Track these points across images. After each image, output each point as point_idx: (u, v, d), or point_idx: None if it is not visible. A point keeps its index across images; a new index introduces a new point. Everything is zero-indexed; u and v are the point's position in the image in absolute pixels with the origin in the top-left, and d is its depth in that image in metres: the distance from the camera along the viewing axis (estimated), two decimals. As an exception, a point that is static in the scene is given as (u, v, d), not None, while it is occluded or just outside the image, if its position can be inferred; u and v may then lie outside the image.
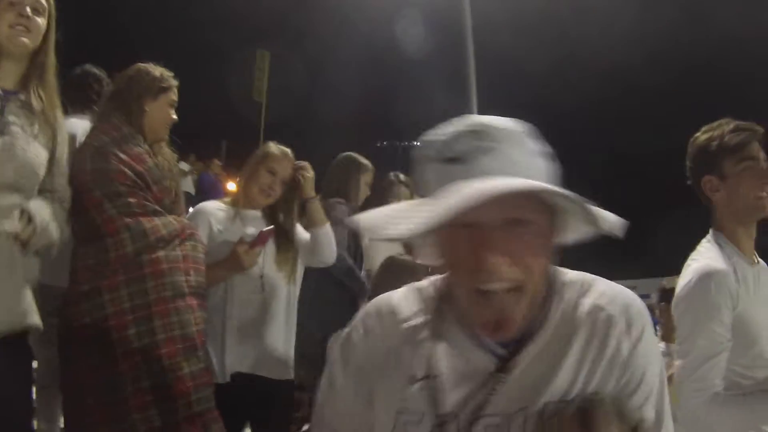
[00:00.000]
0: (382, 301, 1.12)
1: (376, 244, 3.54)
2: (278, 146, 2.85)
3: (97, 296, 2.12)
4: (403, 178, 3.92)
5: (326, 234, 2.84)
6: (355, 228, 3.43)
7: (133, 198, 2.21)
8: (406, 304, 1.09)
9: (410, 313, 1.08)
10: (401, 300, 1.10)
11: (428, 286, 1.11)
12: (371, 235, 0.94)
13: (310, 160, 2.94)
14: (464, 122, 0.96)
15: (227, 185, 7.24)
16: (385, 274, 2.65)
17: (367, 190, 3.66)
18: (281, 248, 2.72)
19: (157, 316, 2.13)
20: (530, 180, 0.90)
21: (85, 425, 2.09)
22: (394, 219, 0.91)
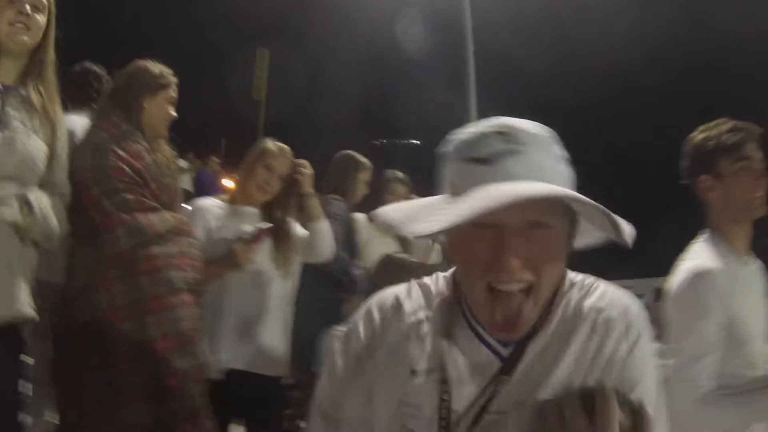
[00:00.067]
0: (386, 295, 1.12)
1: (373, 241, 3.56)
2: (275, 143, 2.84)
3: (92, 292, 2.11)
4: (400, 175, 3.92)
5: (324, 229, 2.84)
6: (350, 223, 3.44)
7: (131, 195, 2.21)
8: (410, 299, 1.10)
9: (413, 308, 1.08)
10: (404, 295, 1.11)
11: (432, 283, 1.12)
12: (396, 230, 0.95)
13: (310, 159, 2.95)
14: (492, 123, 0.97)
15: (225, 182, 7.22)
16: (382, 272, 2.65)
17: (364, 188, 3.66)
18: (278, 245, 2.71)
19: (152, 312, 2.13)
20: (554, 185, 0.91)
21: (78, 420, 2.09)
22: (419, 215, 0.93)
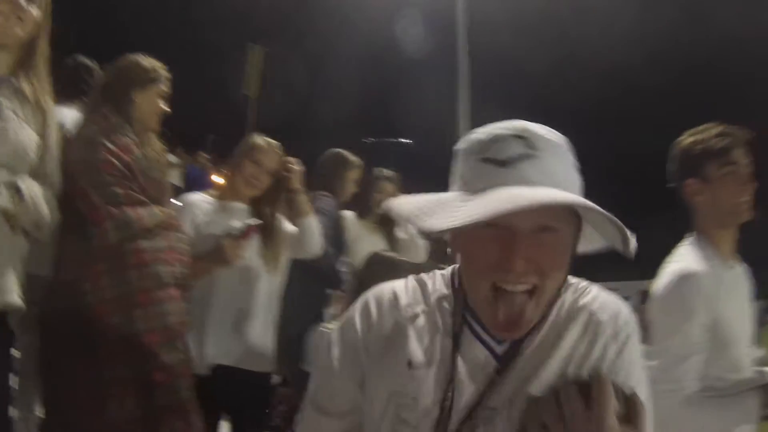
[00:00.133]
0: (383, 289, 1.13)
1: (361, 238, 3.56)
2: (264, 138, 2.83)
3: (79, 285, 2.09)
4: (389, 174, 3.91)
5: (312, 225, 2.85)
6: (338, 219, 3.42)
7: (119, 188, 2.18)
8: (407, 293, 1.10)
9: (410, 302, 1.09)
10: (402, 289, 1.11)
11: (429, 280, 1.12)
12: (408, 224, 0.95)
13: (300, 156, 2.94)
14: (510, 126, 0.97)
15: (213, 178, 7.12)
16: (370, 270, 2.64)
17: (354, 186, 3.66)
18: (266, 241, 2.69)
19: (139, 306, 2.11)
20: (568, 193, 0.93)
21: (65, 414, 2.08)
22: (433, 210, 0.93)
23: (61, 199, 2.07)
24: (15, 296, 1.89)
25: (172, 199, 2.49)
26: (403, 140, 15.84)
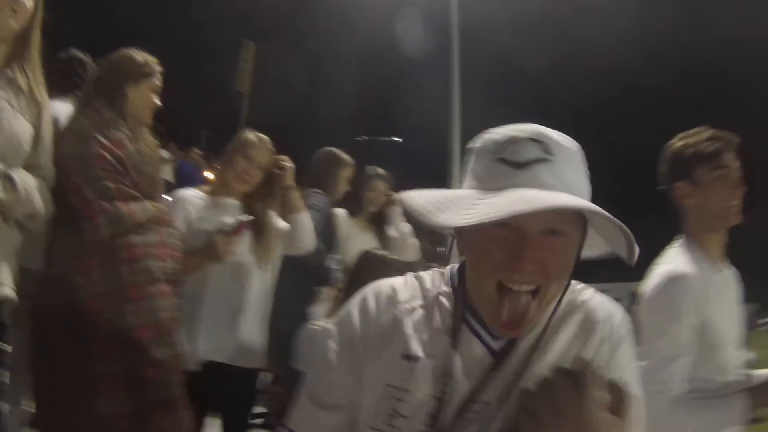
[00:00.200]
0: (382, 284, 1.13)
1: (352, 236, 3.57)
2: (255, 133, 2.83)
3: (71, 279, 2.08)
4: (381, 172, 3.91)
5: (304, 221, 2.85)
6: (329, 216, 3.40)
7: (112, 183, 2.17)
8: (405, 288, 1.11)
9: (408, 297, 1.10)
10: (400, 284, 1.12)
11: (427, 277, 1.13)
12: (420, 219, 0.96)
13: (293, 153, 2.94)
14: (527, 129, 0.99)
15: (206, 174, 7.03)
16: (361, 268, 2.64)
17: (346, 184, 3.65)
18: (258, 237, 2.68)
19: (130, 301, 2.11)
20: (580, 198, 0.95)
21: (55, 408, 2.08)
22: (447, 206, 0.94)
23: (53, 193, 2.06)
24: (8, 289, 1.88)
25: (164, 195, 2.48)
26: (395, 139, 15.81)
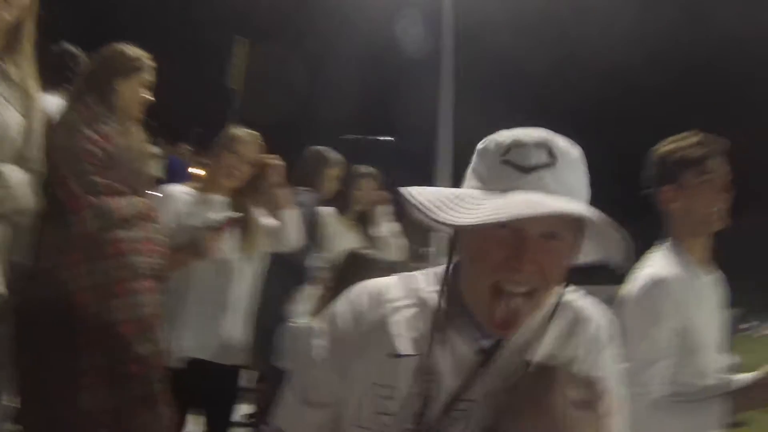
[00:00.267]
0: (371, 284, 1.15)
1: (339, 235, 3.57)
2: (243, 129, 2.85)
3: (57, 273, 2.09)
4: (370, 171, 3.91)
5: (292, 218, 2.85)
6: (316, 214, 3.39)
7: (99, 177, 2.18)
8: (395, 288, 1.12)
9: (397, 296, 1.11)
10: (389, 284, 1.14)
11: (418, 276, 1.14)
12: (423, 216, 0.98)
13: (284, 150, 2.94)
14: (534, 134, 1.01)
15: (195, 170, 6.94)
16: (347, 266, 2.64)
17: (335, 183, 3.66)
18: (244, 234, 2.69)
19: (114, 297, 2.11)
20: (582, 204, 0.98)
21: (38, 403, 2.08)
22: (449, 204, 0.96)
23: (42, 186, 2.06)
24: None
25: (152, 190, 2.47)
26: (384, 138, 15.73)
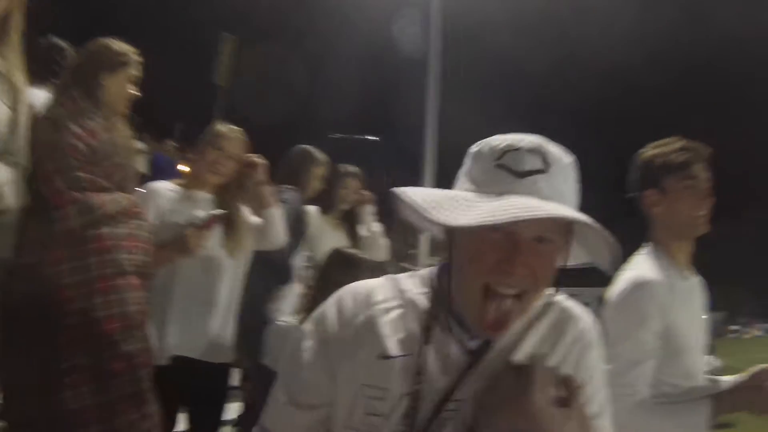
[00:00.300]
0: (359, 285, 1.16)
1: (323, 234, 3.58)
2: (227, 125, 2.84)
3: (40, 269, 2.06)
4: (353, 170, 3.92)
5: (276, 216, 2.83)
6: (300, 212, 3.39)
7: (83, 172, 2.16)
8: (383, 289, 1.13)
9: (386, 297, 1.12)
10: (378, 285, 1.15)
11: (407, 278, 1.16)
12: (420, 214, 1.00)
13: (268, 149, 2.94)
14: (528, 140, 1.04)
15: (180, 167, 6.88)
16: (331, 266, 2.63)
17: (319, 182, 3.65)
18: (229, 232, 2.68)
19: (98, 293, 2.09)
20: (574, 209, 1.01)
21: (22, 400, 2.07)
22: (444, 204, 0.99)
23: (26, 181, 2.05)
24: None
25: (137, 186, 2.46)
26: (370, 137, 15.69)
